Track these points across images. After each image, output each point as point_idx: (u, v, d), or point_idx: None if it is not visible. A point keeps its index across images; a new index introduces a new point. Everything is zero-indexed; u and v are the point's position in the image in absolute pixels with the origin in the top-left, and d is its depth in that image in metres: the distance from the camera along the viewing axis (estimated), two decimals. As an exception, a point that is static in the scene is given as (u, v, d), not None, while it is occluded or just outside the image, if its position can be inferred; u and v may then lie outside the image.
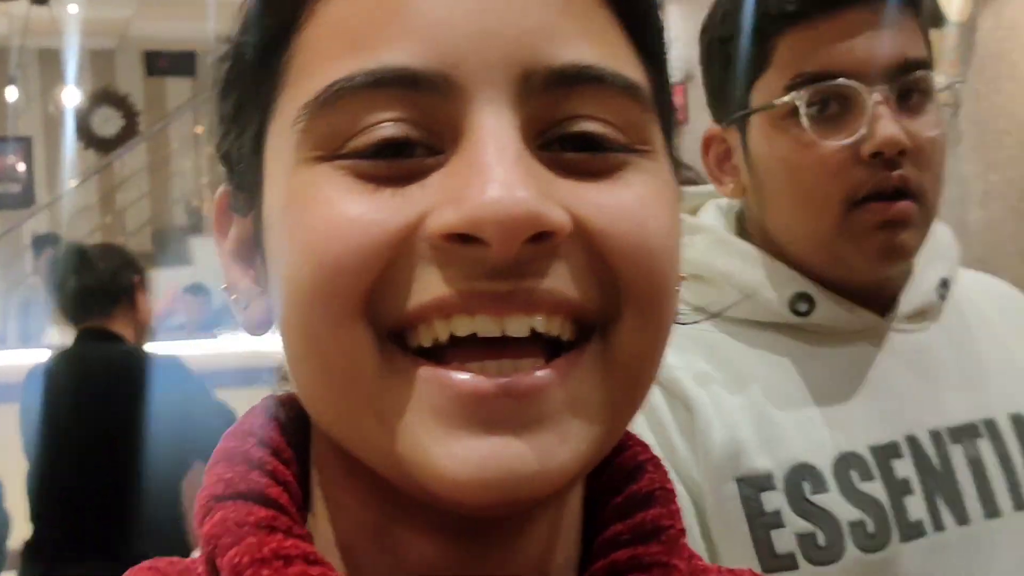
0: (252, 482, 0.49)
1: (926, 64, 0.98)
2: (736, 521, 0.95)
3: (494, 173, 0.43)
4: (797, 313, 1.01)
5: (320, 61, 0.47)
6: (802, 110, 0.96)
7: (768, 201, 1.03)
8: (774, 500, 0.95)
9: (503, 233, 0.43)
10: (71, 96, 9.58)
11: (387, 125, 0.45)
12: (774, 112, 0.99)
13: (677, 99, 0.71)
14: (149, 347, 2.76)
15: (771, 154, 1.00)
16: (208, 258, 9.41)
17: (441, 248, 0.44)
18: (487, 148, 0.44)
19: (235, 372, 4.50)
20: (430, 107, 0.45)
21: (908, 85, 0.97)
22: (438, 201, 0.44)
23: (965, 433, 1.02)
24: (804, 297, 1.01)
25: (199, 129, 10.40)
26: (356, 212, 0.44)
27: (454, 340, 0.44)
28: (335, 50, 0.46)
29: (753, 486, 0.96)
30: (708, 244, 1.05)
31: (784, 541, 0.94)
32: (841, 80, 0.95)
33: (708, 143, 1.08)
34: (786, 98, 0.97)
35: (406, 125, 0.45)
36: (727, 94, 1.04)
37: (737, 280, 1.03)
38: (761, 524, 0.95)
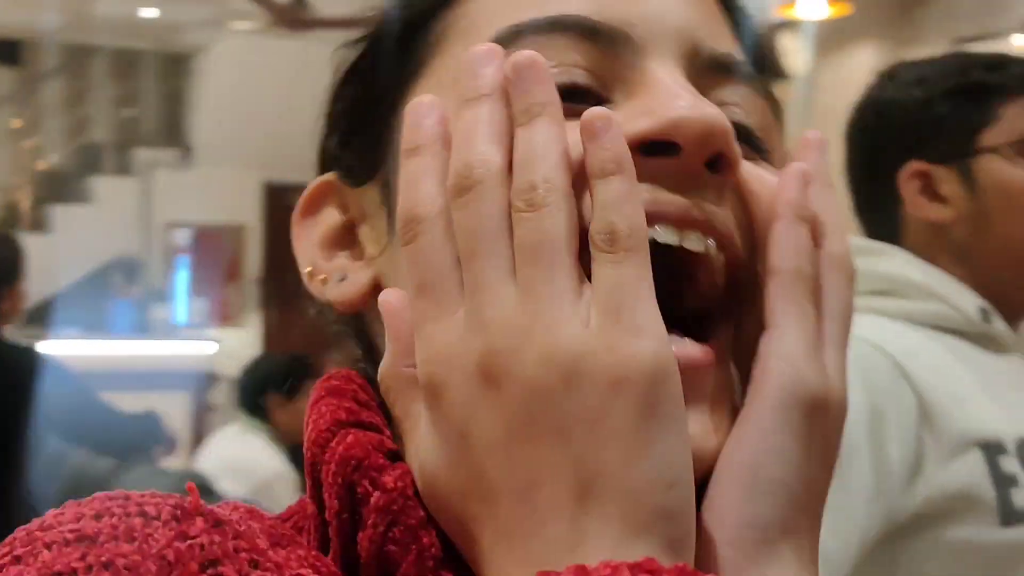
0: (371, 416, 0.49)
1: None
2: (980, 481, 1.18)
3: (683, 94, 0.46)
4: (985, 320, 1.28)
5: (489, 18, 0.49)
6: None
7: (994, 224, 1.30)
8: (1009, 464, 1.18)
9: (697, 137, 0.44)
10: None
11: (563, 70, 0.47)
12: (1010, 152, 1.28)
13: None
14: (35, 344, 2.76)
15: (1009, 185, 1.28)
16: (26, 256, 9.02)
17: None
18: (670, 83, 0.47)
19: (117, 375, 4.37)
20: (605, 59, 0.48)
21: None
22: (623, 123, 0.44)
23: None
24: (984, 310, 1.29)
25: (17, 123, 9.90)
26: None
27: None
28: (507, 8, 0.49)
29: (992, 451, 1.19)
30: (904, 261, 1.31)
31: (1021, 498, 1.18)
32: None
33: (912, 176, 1.32)
34: None
35: (582, 72, 0.47)
36: (942, 139, 1.31)
37: (935, 289, 1.28)
38: (1002, 483, 1.18)
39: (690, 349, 0.45)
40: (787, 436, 0.43)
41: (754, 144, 0.50)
